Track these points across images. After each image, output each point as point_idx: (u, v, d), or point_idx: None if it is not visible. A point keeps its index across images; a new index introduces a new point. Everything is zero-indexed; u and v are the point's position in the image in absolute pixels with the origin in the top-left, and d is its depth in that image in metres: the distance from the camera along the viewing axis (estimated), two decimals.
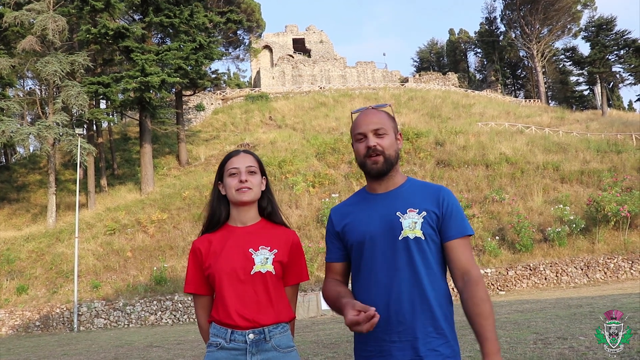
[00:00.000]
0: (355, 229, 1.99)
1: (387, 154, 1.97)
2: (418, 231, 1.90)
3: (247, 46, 51.25)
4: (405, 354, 1.84)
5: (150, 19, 26.95)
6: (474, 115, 36.71)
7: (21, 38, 23.90)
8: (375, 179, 2.02)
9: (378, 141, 1.97)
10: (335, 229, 2.08)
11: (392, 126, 2.03)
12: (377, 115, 2.02)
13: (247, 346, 1.99)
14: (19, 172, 34.16)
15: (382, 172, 1.98)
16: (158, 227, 21.10)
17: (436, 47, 76.30)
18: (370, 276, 1.94)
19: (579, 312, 8.61)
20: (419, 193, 1.99)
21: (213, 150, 33.01)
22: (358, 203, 2.07)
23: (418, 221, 1.91)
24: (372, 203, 2.02)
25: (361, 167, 2.04)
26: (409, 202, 1.95)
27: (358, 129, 2.01)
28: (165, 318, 16.80)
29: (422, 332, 1.85)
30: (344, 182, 23.00)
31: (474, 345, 6.41)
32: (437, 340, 1.86)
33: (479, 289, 1.87)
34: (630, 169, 21.26)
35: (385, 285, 1.90)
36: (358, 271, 2.00)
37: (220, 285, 2.04)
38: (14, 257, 19.63)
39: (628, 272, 16.49)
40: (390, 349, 1.86)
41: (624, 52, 44.75)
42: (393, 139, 2.01)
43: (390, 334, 1.87)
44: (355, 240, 1.98)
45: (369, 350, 1.92)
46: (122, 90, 25.86)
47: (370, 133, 1.97)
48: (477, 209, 19.75)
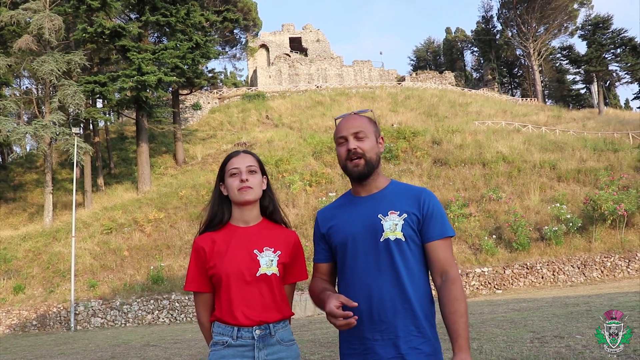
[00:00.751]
0: (339, 231, 2.06)
1: (367, 157, 2.03)
2: (399, 233, 1.96)
3: (243, 45, 51.21)
4: (388, 351, 1.91)
5: (146, 18, 26.89)
6: (470, 114, 36.74)
7: (17, 37, 23.82)
8: (358, 181, 2.08)
9: (358, 144, 2.03)
10: (321, 231, 2.15)
11: (373, 130, 2.09)
12: (358, 119, 2.09)
13: (254, 342, 2.05)
14: (16, 171, 34.08)
15: (363, 174, 2.04)
16: (155, 226, 21.07)
17: (433, 46, 76.38)
18: (353, 277, 2.01)
19: (575, 311, 8.63)
20: (401, 195, 2.05)
21: (210, 150, 32.96)
22: (343, 206, 2.14)
23: (399, 223, 1.97)
24: (355, 206, 2.08)
25: (343, 170, 2.10)
26: (390, 205, 2.02)
27: (339, 133, 2.08)
28: (162, 317, 16.78)
29: (403, 330, 1.91)
30: (340, 181, 23.00)
31: (470, 344, 6.42)
32: (418, 338, 1.92)
33: (455, 288, 1.92)
34: (627, 168, 21.31)
35: (368, 285, 1.96)
36: (342, 272, 2.07)
37: (227, 286, 2.07)
38: (11, 256, 19.58)
39: (625, 270, 16.53)
40: (374, 346, 1.93)
41: (620, 50, 44.90)
42: (374, 142, 2.07)
43: (373, 332, 1.94)
44: (339, 242, 2.05)
45: (353, 348, 1.99)
46: (118, 89, 25.80)
47: (350, 136, 2.04)
48: (473, 207, 19.77)
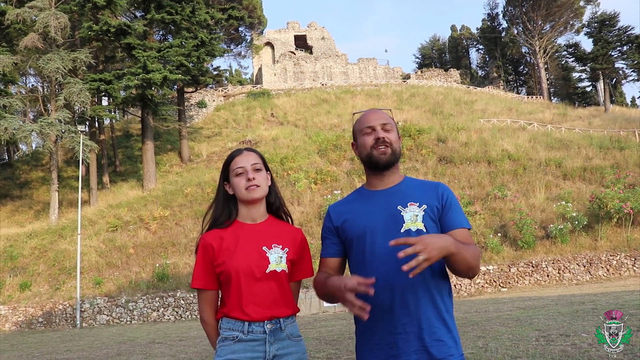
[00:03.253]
0: (356, 224, 2.05)
1: (394, 147, 2.07)
2: (419, 223, 1.96)
3: (248, 43, 51.21)
4: (411, 344, 1.89)
5: (151, 15, 26.94)
6: (476, 112, 36.65)
7: (23, 35, 23.92)
8: (381, 170, 2.08)
9: (386, 134, 2.06)
10: (335, 224, 2.13)
11: (395, 125, 2.14)
12: (383, 113, 2.15)
13: (266, 336, 2.06)
14: (22, 169, 34.23)
15: (389, 162, 2.06)
16: (160, 223, 21.12)
17: (438, 44, 76.11)
18: (372, 269, 1.96)
19: (581, 309, 8.60)
20: (419, 189, 2.07)
21: (215, 147, 33.00)
22: (358, 200, 2.14)
23: (419, 214, 1.97)
24: (372, 199, 2.09)
25: (367, 159, 2.09)
26: (409, 197, 2.02)
27: (367, 123, 2.10)
28: (167, 315, 16.84)
29: (426, 323, 1.90)
30: (346, 178, 22.99)
31: (476, 342, 6.42)
32: (441, 330, 1.91)
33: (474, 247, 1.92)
34: (633, 166, 21.21)
35: (389, 277, 1.93)
36: (360, 265, 2.03)
37: (237, 283, 2.08)
38: (17, 253, 19.69)
39: (631, 269, 16.46)
40: (397, 340, 1.91)
41: (626, 48, 44.70)
42: (397, 136, 2.11)
43: (395, 325, 1.91)
44: (356, 235, 2.03)
45: (375, 342, 1.96)
46: (124, 87, 25.86)
47: (378, 126, 2.07)
48: (479, 205, 19.73)
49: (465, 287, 16.68)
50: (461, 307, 11.95)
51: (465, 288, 16.67)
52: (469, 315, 9.86)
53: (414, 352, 1.88)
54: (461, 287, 16.68)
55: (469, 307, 11.87)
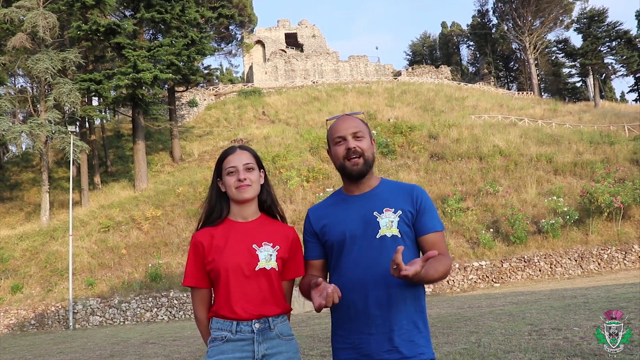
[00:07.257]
0: (335, 229, 2.10)
1: (366, 156, 2.09)
2: (395, 229, 2.02)
3: (239, 41, 51.12)
4: (382, 345, 1.96)
5: (141, 15, 26.79)
6: (467, 108, 36.78)
7: (11, 35, 23.70)
8: (355, 180, 2.12)
9: (357, 143, 2.08)
10: (314, 228, 2.18)
11: (367, 131, 2.16)
12: (354, 120, 2.15)
13: (254, 335, 2.05)
14: (12, 170, 33.98)
15: (362, 173, 2.10)
16: (152, 223, 21.04)
17: (429, 41, 76.31)
18: (348, 273, 2.04)
19: (573, 303, 8.66)
20: (394, 193, 2.11)
21: (206, 146, 32.93)
22: (336, 204, 2.18)
23: (394, 220, 2.03)
24: (349, 204, 2.13)
25: (340, 169, 2.14)
26: (385, 202, 2.07)
27: (337, 133, 2.12)
28: (160, 315, 16.78)
29: (397, 324, 1.96)
30: (337, 176, 22.88)
31: (469, 337, 6.46)
32: (412, 331, 1.98)
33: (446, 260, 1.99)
34: (623, 160, 21.36)
35: (363, 281, 2.00)
36: (336, 268, 2.10)
37: (226, 281, 2.08)
38: (8, 255, 19.54)
39: (621, 262, 16.59)
40: (368, 340, 1.98)
41: (615, 43, 45.03)
42: (370, 142, 2.13)
43: (368, 326, 1.99)
44: (335, 240, 2.09)
45: (348, 342, 2.04)
46: (114, 87, 25.69)
47: (349, 136, 2.09)
48: (471, 201, 19.81)
49: (458, 282, 16.75)
50: (454, 303, 12.00)
51: (458, 284, 16.74)
52: (462, 310, 9.91)
53: (385, 352, 1.95)
54: (454, 283, 16.75)
55: (462, 302, 11.92)
